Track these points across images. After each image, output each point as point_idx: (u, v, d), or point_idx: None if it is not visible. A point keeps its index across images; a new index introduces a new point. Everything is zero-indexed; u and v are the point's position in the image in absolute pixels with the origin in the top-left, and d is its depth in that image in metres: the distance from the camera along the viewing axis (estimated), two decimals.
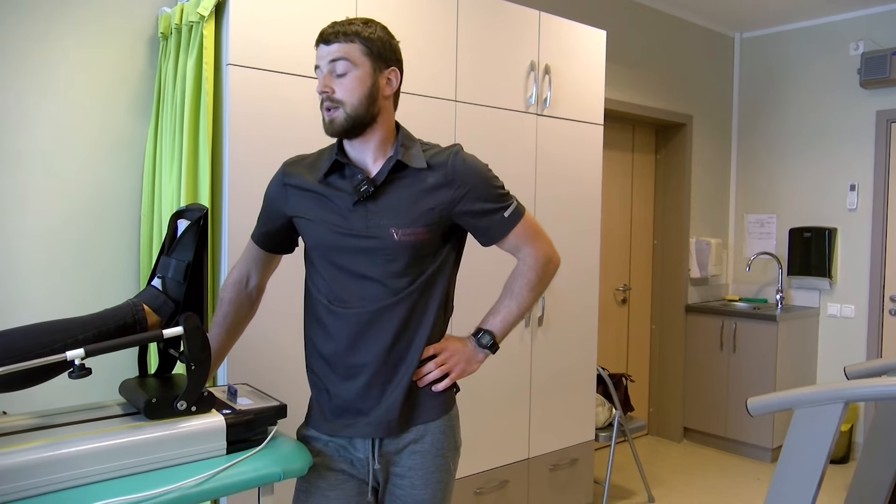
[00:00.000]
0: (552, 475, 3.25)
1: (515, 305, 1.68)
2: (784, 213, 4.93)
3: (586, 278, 3.34)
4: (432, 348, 1.61)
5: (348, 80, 1.50)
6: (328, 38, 1.51)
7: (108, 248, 2.50)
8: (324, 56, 1.52)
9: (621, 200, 4.74)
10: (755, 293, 5.08)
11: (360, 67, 1.51)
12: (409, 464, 1.61)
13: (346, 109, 1.51)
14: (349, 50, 1.50)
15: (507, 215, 1.61)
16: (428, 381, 1.60)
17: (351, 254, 1.55)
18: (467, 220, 1.60)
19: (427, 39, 2.68)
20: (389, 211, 1.53)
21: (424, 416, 1.61)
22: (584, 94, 3.26)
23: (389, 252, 1.53)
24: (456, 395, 1.70)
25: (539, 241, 1.68)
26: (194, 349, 1.46)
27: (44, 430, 1.40)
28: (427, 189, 1.55)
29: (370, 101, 1.52)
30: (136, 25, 2.53)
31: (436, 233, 1.56)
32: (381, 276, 1.54)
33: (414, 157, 1.56)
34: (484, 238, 1.64)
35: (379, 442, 1.59)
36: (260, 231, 1.73)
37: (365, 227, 1.53)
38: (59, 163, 2.40)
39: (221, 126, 2.26)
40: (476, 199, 1.57)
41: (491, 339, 1.67)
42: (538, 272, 1.67)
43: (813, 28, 4.78)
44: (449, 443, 1.65)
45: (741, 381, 4.55)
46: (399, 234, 1.52)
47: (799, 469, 1.88)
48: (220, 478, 1.41)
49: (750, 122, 5.13)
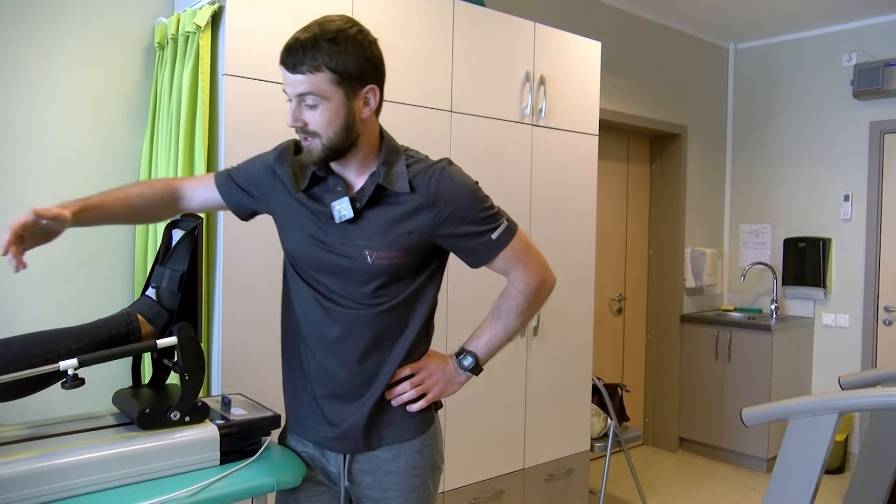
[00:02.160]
0: (548, 485, 3.25)
1: (502, 329, 1.59)
2: (779, 223, 4.95)
3: (581, 288, 3.35)
4: (409, 368, 1.54)
5: (320, 114, 1.39)
6: (291, 67, 1.37)
7: (103, 257, 2.49)
8: (290, 84, 1.39)
9: (616, 210, 4.75)
10: (750, 303, 5.09)
11: (332, 99, 1.38)
12: (385, 485, 1.55)
13: (324, 142, 1.41)
14: (316, 82, 1.36)
15: (494, 237, 1.50)
16: (402, 401, 1.54)
17: (324, 269, 1.49)
18: (451, 243, 1.51)
19: (423, 50, 2.69)
20: (365, 232, 1.46)
21: (398, 435, 1.55)
22: (579, 105, 3.28)
23: (362, 274, 1.46)
24: (438, 412, 1.65)
25: (531, 264, 1.56)
26: (188, 359, 1.46)
27: (36, 441, 1.39)
28: (407, 212, 1.46)
29: (347, 131, 1.42)
30: (133, 35, 2.54)
31: (414, 256, 1.48)
32: (353, 295, 1.48)
33: (396, 176, 1.46)
34: (470, 261, 1.55)
35: (350, 458, 1.55)
36: (228, 177, 1.61)
37: (340, 244, 1.47)
38: (54, 171, 2.40)
39: (217, 136, 2.26)
40: (460, 221, 1.47)
41: (474, 361, 1.59)
42: (528, 297, 1.57)
43: (806, 39, 4.81)
44: (426, 462, 1.58)
45: (736, 391, 4.56)
46: (373, 257, 1.45)
47: (794, 479, 1.89)
48: (213, 488, 1.40)
49: (744, 133, 5.15)
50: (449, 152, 2.77)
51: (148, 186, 1.62)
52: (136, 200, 1.55)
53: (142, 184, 1.63)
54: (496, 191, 3.05)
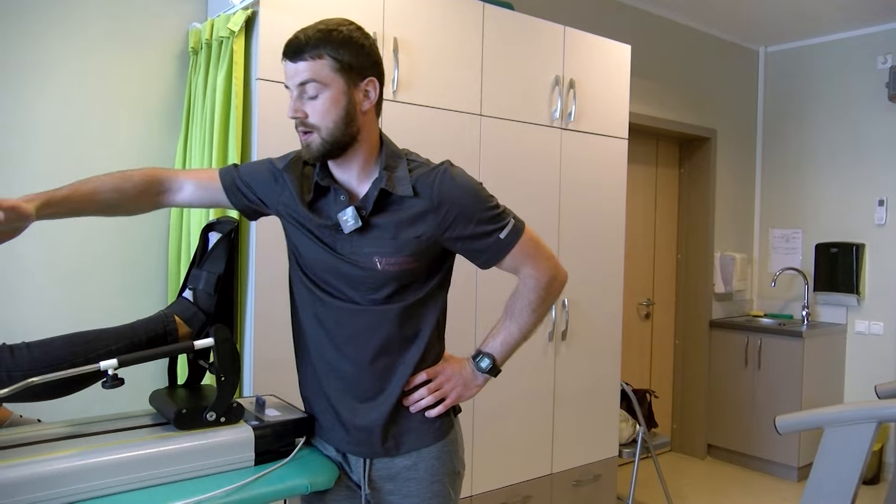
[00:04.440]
0: (575, 491, 3.23)
1: (516, 328, 1.58)
2: (810, 228, 4.88)
3: (610, 292, 3.33)
4: (426, 373, 1.53)
5: (320, 103, 1.39)
6: (293, 55, 1.38)
7: (136, 259, 2.53)
8: (291, 76, 1.40)
9: (645, 214, 4.72)
10: (780, 309, 5.02)
11: (332, 87, 1.38)
12: (405, 491, 1.54)
13: (322, 134, 1.40)
14: (317, 69, 1.37)
15: (502, 237, 1.48)
16: (420, 407, 1.53)
17: (332, 273, 1.48)
18: (458, 245, 1.49)
19: (452, 54, 2.70)
20: (374, 239, 1.45)
21: (418, 441, 1.54)
22: (608, 109, 3.26)
23: (372, 280, 1.45)
24: (457, 416, 1.64)
25: (540, 260, 1.55)
26: (224, 361, 1.48)
27: (77, 439, 1.42)
28: (413, 216, 1.45)
29: (347, 122, 1.41)
30: (167, 41, 2.58)
31: (423, 261, 1.48)
32: (362, 301, 1.48)
33: (399, 181, 1.44)
34: (479, 261, 1.53)
35: (370, 464, 1.55)
36: (234, 173, 1.59)
37: (350, 253, 1.46)
38: (90, 174, 2.43)
39: (250, 139, 2.28)
40: (466, 223, 1.46)
41: (491, 362, 1.58)
42: (539, 293, 1.56)
43: (839, 42, 4.74)
44: (446, 468, 1.56)
45: (766, 398, 4.49)
46: (382, 263, 1.44)
47: (829, 490, 1.86)
48: (248, 489, 1.41)
49: (775, 136, 5.09)
50: (478, 156, 2.77)
51: (125, 179, 1.51)
52: (109, 196, 1.48)
53: (117, 175, 1.51)
54: (525, 194, 3.06)
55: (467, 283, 2.70)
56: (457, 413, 1.64)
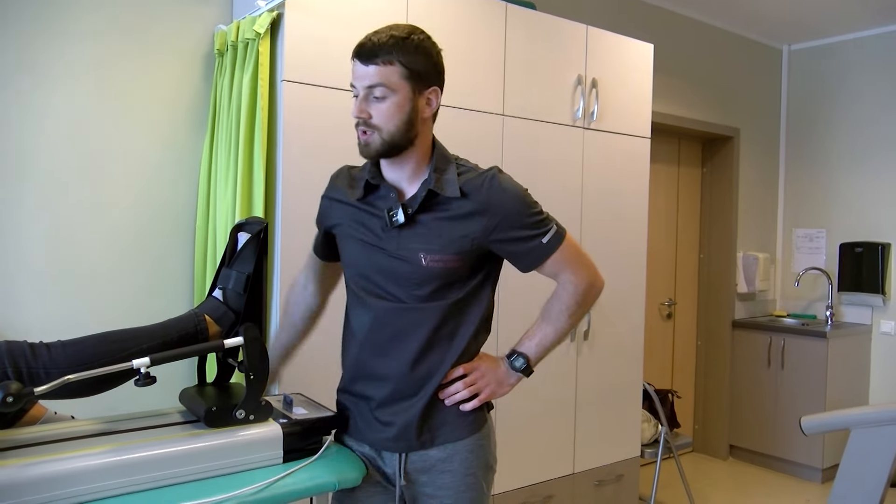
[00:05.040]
0: (597, 491, 3.22)
1: (552, 330, 1.63)
2: (834, 227, 4.83)
3: (632, 293, 3.32)
4: (462, 368, 1.58)
5: (385, 107, 1.45)
6: (365, 58, 1.44)
7: (164, 257, 2.56)
8: (360, 77, 1.46)
9: (667, 214, 4.69)
10: (804, 309, 4.97)
11: (399, 92, 1.45)
12: (439, 483, 1.58)
13: (383, 135, 1.46)
14: (387, 74, 1.43)
15: (545, 241, 1.54)
16: (455, 400, 1.58)
17: (379, 271, 1.54)
18: (502, 248, 1.55)
19: (475, 54, 2.71)
20: (420, 236, 1.51)
21: (452, 434, 1.58)
22: (630, 108, 3.25)
23: (417, 276, 1.51)
24: (489, 412, 1.67)
25: (580, 266, 1.61)
26: (253, 359, 1.50)
27: (109, 436, 1.44)
28: (460, 217, 1.51)
29: (408, 127, 1.47)
30: (193, 43, 2.61)
31: (467, 260, 1.52)
32: (406, 298, 1.53)
33: (448, 183, 1.51)
34: (521, 265, 1.59)
35: (405, 458, 1.58)
36: (316, 238, 1.76)
37: (396, 248, 1.52)
38: (120, 176, 2.47)
39: (276, 140, 2.30)
40: (511, 227, 1.52)
41: (525, 362, 1.62)
42: (577, 299, 1.61)
43: (865, 39, 4.68)
44: (479, 462, 1.61)
45: (789, 399, 4.46)
46: (427, 260, 1.49)
47: (856, 493, 1.84)
48: (277, 486, 1.43)
49: (799, 135, 5.04)
50: (500, 156, 2.78)
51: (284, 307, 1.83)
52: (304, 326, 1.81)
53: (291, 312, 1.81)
54: (547, 194, 3.05)
55: None
56: (489, 409, 1.68)
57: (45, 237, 2.35)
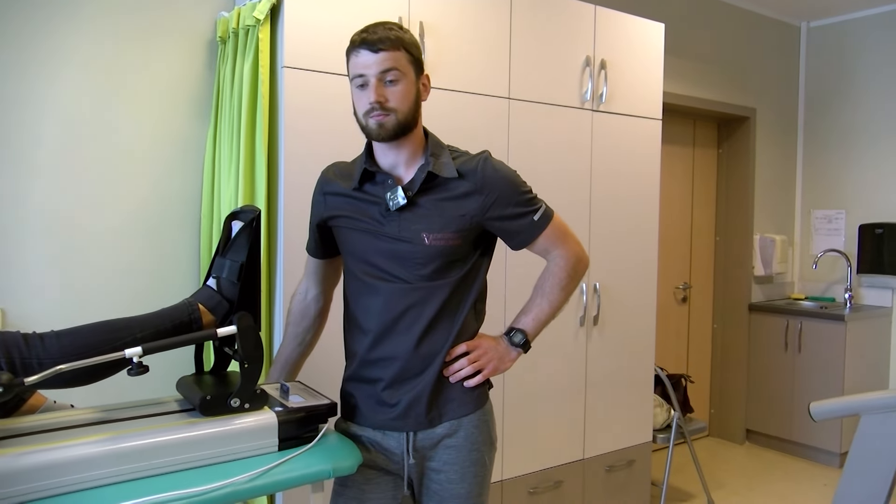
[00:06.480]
0: (608, 476, 3.21)
1: (547, 304, 1.70)
2: (853, 208, 4.73)
3: (643, 276, 3.28)
4: (465, 345, 1.64)
5: (399, 89, 1.53)
6: (375, 47, 1.52)
7: (170, 247, 2.57)
8: (370, 65, 1.52)
9: (682, 196, 4.63)
10: (822, 292, 4.90)
11: (408, 76, 1.55)
12: (445, 458, 1.64)
13: (398, 116, 1.54)
14: (398, 58, 1.52)
15: (536, 219, 1.64)
16: (460, 377, 1.64)
17: (383, 256, 1.59)
18: (497, 226, 1.63)
19: (479, 36, 2.67)
20: (421, 217, 1.58)
21: (457, 410, 1.64)
22: (641, 89, 3.20)
23: (420, 256, 1.57)
24: (489, 391, 1.73)
25: (568, 242, 1.70)
26: (248, 348, 1.49)
27: (106, 424, 1.45)
28: (457, 196, 1.59)
29: (416, 108, 1.58)
30: (196, 30, 2.60)
31: (466, 239, 1.60)
32: (411, 279, 1.58)
33: (444, 165, 1.59)
34: (514, 242, 1.67)
35: (413, 436, 1.63)
36: (310, 240, 1.79)
37: (398, 230, 1.58)
38: (124, 164, 2.48)
39: (277, 126, 2.29)
40: (505, 204, 1.61)
41: (523, 337, 1.69)
42: (568, 271, 1.70)
43: (884, 15, 4.56)
44: (483, 437, 1.67)
45: (807, 383, 4.40)
46: (430, 239, 1.56)
47: (866, 479, 1.81)
48: (272, 474, 1.43)
49: (817, 115, 4.94)
50: (507, 140, 2.74)
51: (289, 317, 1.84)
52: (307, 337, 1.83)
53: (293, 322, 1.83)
54: (555, 179, 3.03)
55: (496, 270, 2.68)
56: (490, 387, 1.73)
57: (49, 228, 2.36)
